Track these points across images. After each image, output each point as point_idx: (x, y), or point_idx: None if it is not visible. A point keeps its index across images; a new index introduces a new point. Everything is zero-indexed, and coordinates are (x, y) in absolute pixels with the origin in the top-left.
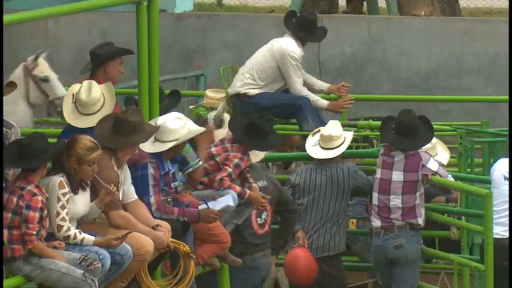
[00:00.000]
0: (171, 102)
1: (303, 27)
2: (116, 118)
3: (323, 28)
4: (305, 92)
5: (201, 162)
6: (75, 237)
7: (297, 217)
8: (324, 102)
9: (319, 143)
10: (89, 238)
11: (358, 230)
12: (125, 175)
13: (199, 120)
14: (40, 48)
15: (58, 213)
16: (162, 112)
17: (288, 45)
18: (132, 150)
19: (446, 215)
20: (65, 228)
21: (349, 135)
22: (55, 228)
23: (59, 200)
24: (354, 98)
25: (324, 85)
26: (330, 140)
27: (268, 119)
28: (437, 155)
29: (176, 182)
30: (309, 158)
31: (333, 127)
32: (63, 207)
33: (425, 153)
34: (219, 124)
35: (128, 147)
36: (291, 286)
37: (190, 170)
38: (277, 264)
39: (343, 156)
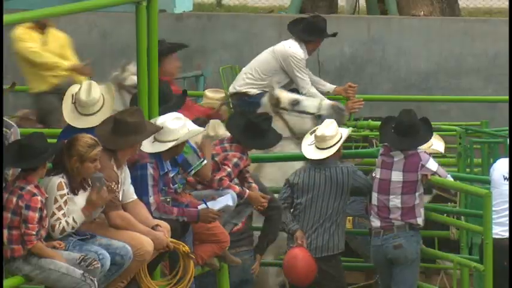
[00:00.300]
0: (178, 101)
1: (311, 30)
2: (114, 119)
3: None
4: (314, 92)
5: (206, 161)
6: (67, 223)
7: (280, 214)
8: None
9: (314, 143)
10: (78, 213)
11: (356, 230)
12: (125, 175)
13: (198, 120)
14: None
15: (53, 214)
16: (171, 110)
17: (290, 47)
18: (131, 150)
19: (445, 215)
20: (56, 226)
21: (345, 133)
22: (49, 228)
23: (56, 201)
24: (363, 100)
25: (329, 86)
26: (323, 140)
27: (266, 118)
28: (432, 146)
29: (176, 185)
30: (305, 158)
31: (327, 127)
32: (59, 208)
33: (424, 154)
34: (276, 103)
35: (127, 148)
36: (290, 286)
37: (193, 171)
38: (277, 265)
39: (341, 156)
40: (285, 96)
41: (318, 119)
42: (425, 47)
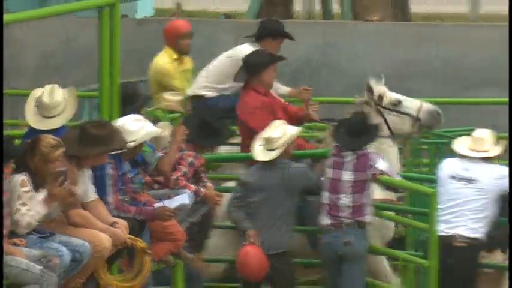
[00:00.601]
0: (143, 102)
1: (261, 29)
2: (80, 127)
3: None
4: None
5: (160, 154)
6: (32, 217)
7: (214, 211)
8: None
9: (263, 144)
10: (41, 205)
11: (305, 228)
12: (84, 175)
13: (156, 122)
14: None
15: (17, 210)
16: (136, 111)
17: (246, 50)
18: (94, 160)
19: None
20: (21, 221)
21: (294, 132)
22: (16, 223)
23: (19, 197)
24: (319, 102)
25: (284, 89)
26: (270, 142)
27: (218, 117)
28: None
29: (135, 185)
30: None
31: (274, 129)
32: (23, 204)
33: (374, 154)
34: (378, 100)
35: (89, 157)
36: (243, 282)
37: (153, 166)
38: (230, 261)
39: (290, 155)
40: (388, 95)
41: (418, 121)
42: (378, 51)
